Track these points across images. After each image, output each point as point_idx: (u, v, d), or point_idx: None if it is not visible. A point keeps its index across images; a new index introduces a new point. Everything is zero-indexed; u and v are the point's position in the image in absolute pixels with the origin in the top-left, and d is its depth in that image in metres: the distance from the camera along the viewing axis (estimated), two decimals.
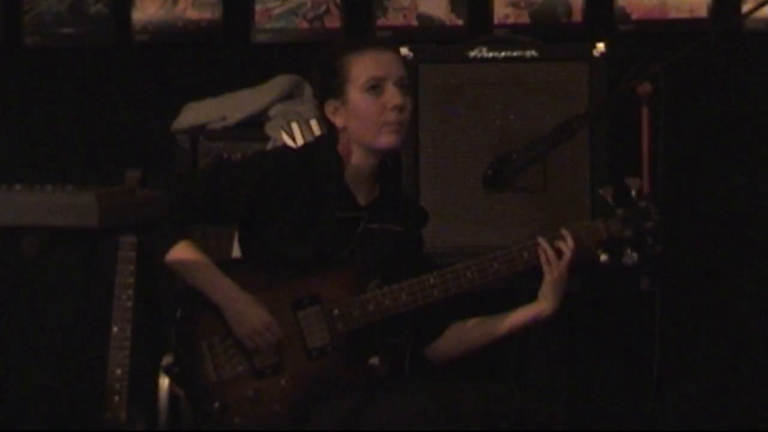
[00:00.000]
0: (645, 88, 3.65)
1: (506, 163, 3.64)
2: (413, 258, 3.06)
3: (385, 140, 2.95)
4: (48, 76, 4.36)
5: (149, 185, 3.13)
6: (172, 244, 2.87)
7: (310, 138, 3.75)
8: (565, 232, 2.99)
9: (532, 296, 3.04)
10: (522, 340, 3.84)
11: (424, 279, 2.93)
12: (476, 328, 3.07)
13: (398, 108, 2.93)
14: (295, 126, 3.81)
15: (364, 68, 2.94)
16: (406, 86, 2.98)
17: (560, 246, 2.97)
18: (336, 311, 2.89)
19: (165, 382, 3.49)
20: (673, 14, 4.18)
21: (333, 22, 4.28)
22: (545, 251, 2.97)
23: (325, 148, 3.00)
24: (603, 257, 3.06)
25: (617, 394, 4.21)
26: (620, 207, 3.03)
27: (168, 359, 3.03)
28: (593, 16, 4.20)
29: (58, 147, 4.32)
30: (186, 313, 2.90)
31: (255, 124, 3.92)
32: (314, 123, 3.79)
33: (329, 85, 2.98)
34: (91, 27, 4.32)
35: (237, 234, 3.08)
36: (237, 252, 3.17)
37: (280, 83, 3.98)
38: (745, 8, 4.10)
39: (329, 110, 2.98)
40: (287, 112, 3.87)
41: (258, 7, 4.29)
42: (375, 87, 2.93)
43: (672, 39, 4.05)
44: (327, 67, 2.99)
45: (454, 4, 4.24)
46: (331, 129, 3.00)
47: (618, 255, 3.04)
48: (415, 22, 4.27)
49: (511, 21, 4.22)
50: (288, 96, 3.96)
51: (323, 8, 4.28)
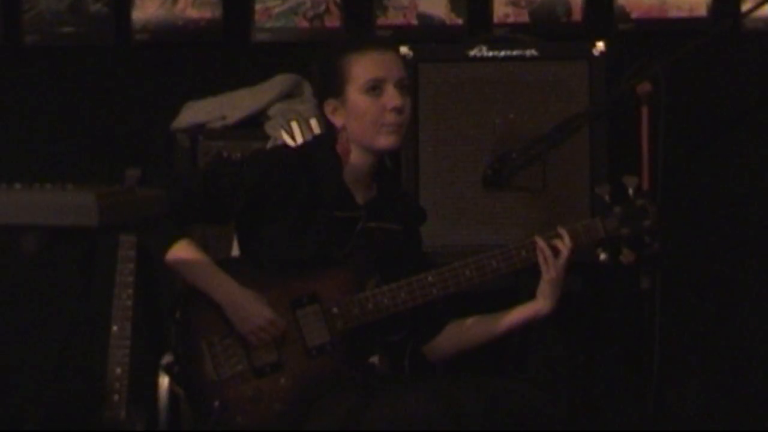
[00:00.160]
0: (644, 87, 3.65)
1: (506, 162, 3.65)
2: (412, 256, 3.06)
3: (384, 141, 2.95)
4: (48, 76, 4.35)
5: (149, 184, 3.13)
6: (172, 243, 2.87)
7: (310, 137, 3.75)
8: (563, 231, 2.99)
9: (531, 295, 3.04)
10: (522, 340, 3.83)
11: (423, 277, 2.93)
12: (475, 327, 3.07)
13: (397, 109, 2.93)
14: (295, 125, 3.81)
15: (364, 69, 2.94)
16: (406, 87, 2.97)
17: (557, 245, 2.98)
18: (335, 310, 2.89)
19: (165, 381, 3.49)
20: (673, 13, 4.18)
21: (333, 21, 4.28)
22: (542, 250, 2.97)
23: (324, 148, 3.00)
24: (602, 256, 3.06)
25: (617, 394, 4.21)
26: (617, 205, 3.04)
27: (168, 358, 3.03)
28: (593, 15, 4.20)
29: (58, 146, 4.32)
30: (185, 313, 2.90)
31: (255, 124, 3.92)
32: (314, 122, 3.79)
33: (329, 85, 2.98)
34: (91, 26, 4.32)
35: (236, 233, 3.08)
36: (237, 251, 3.17)
37: (280, 82, 3.98)
38: (745, 7, 4.10)
39: (328, 109, 2.98)
40: (287, 111, 3.87)
41: (258, 6, 4.29)
42: (375, 88, 2.93)
43: (672, 38, 4.05)
44: (327, 67, 2.99)
45: (454, 3, 4.24)
46: (330, 128, 3.00)
47: (616, 253, 3.04)
48: (415, 21, 4.26)
49: (511, 20, 4.22)
50: (288, 95, 3.95)
51: (323, 7, 4.28)
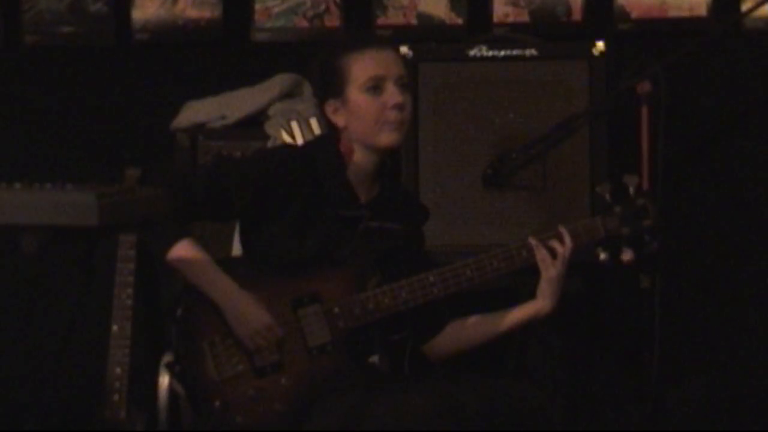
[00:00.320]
0: (644, 87, 3.65)
1: (506, 162, 3.65)
2: (414, 256, 3.06)
3: (386, 139, 2.95)
4: (48, 75, 4.35)
5: (149, 184, 3.12)
6: (174, 242, 2.87)
7: (310, 136, 3.75)
8: (563, 230, 2.99)
9: (531, 294, 3.04)
10: (521, 339, 3.83)
11: (424, 277, 2.93)
12: (475, 326, 3.07)
13: (398, 106, 2.93)
14: (295, 125, 3.81)
15: (364, 68, 2.94)
16: (406, 84, 2.97)
17: (554, 245, 2.97)
18: (336, 309, 2.89)
19: (165, 381, 3.48)
20: (673, 13, 4.18)
21: (332, 21, 4.28)
22: (539, 250, 2.97)
23: (328, 147, 2.99)
24: (602, 255, 3.06)
25: (617, 394, 4.21)
26: (618, 204, 3.04)
27: (168, 357, 3.03)
28: (593, 15, 4.20)
29: (58, 146, 4.32)
30: (187, 312, 2.90)
31: (254, 123, 3.92)
32: (314, 121, 3.79)
33: (329, 85, 2.97)
34: (91, 26, 4.32)
35: (238, 231, 3.08)
36: (236, 250, 3.17)
37: (280, 82, 3.98)
38: (745, 7, 4.10)
39: (329, 110, 2.98)
40: (287, 111, 3.87)
41: (257, 6, 4.29)
42: (375, 86, 2.93)
43: (671, 38, 4.05)
44: (326, 68, 2.99)
45: (454, 3, 4.24)
46: (332, 128, 3.00)
47: (616, 253, 3.04)
48: (415, 21, 4.26)
49: (511, 20, 4.22)
50: (287, 95, 3.95)
51: (323, 7, 4.28)
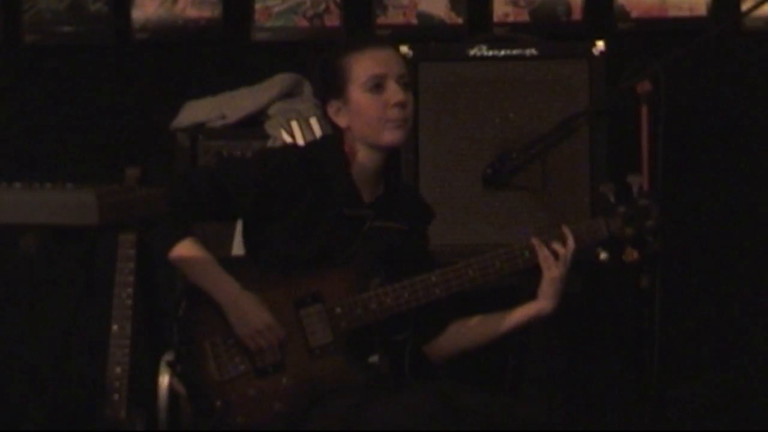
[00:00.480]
0: (644, 87, 3.64)
1: (506, 162, 3.64)
2: (417, 256, 3.05)
3: (389, 137, 2.94)
4: (47, 75, 4.35)
5: (149, 183, 3.13)
6: (176, 241, 2.86)
7: (310, 136, 3.75)
8: (566, 231, 2.99)
9: (531, 294, 3.04)
10: (522, 339, 3.83)
11: (426, 277, 2.92)
12: (477, 327, 3.07)
13: (400, 105, 2.93)
14: (295, 124, 3.81)
15: (364, 67, 2.94)
16: (407, 83, 2.97)
17: (556, 245, 2.97)
18: (338, 310, 2.89)
19: (165, 381, 3.49)
20: (673, 12, 4.18)
21: (332, 21, 4.28)
22: (541, 250, 2.97)
23: (331, 147, 2.99)
24: (602, 255, 3.06)
25: (617, 394, 4.21)
26: (621, 205, 3.03)
27: (169, 356, 3.03)
28: (593, 15, 4.20)
29: (58, 145, 4.32)
30: (188, 311, 2.89)
31: (254, 123, 3.92)
32: (314, 121, 3.79)
33: (330, 86, 2.97)
34: (91, 25, 4.31)
35: (241, 231, 3.08)
36: (237, 249, 3.17)
37: (280, 81, 3.97)
38: (745, 6, 4.11)
39: (332, 111, 2.98)
40: (287, 111, 3.87)
41: (258, 6, 4.29)
42: (376, 85, 2.93)
43: (671, 37, 4.05)
44: (327, 69, 2.98)
45: (454, 3, 4.24)
46: (336, 129, 3.00)
47: (618, 253, 3.04)
48: (415, 21, 4.26)
49: (511, 19, 4.22)
50: (287, 94, 3.95)
51: (323, 7, 4.28)
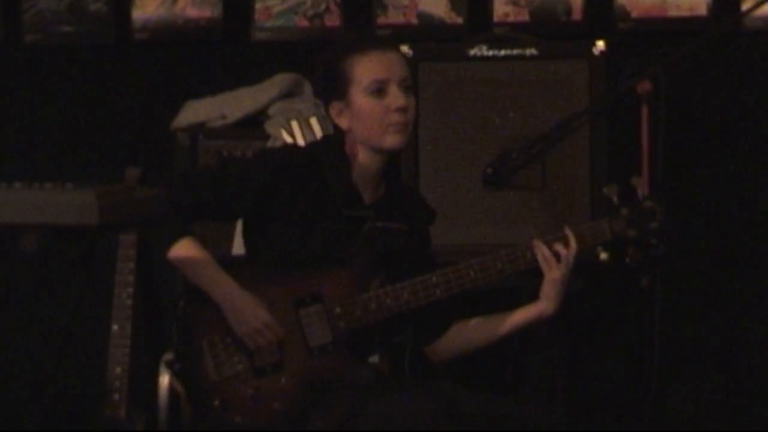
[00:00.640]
0: (645, 87, 3.64)
1: (506, 162, 3.64)
2: (418, 256, 3.05)
3: (391, 140, 2.93)
4: (48, 75, 4.35)
5: (149, 183, 3.12)
6: (175, 241, 2.87)
7: (310, 136, 3.75)
8: (568, 233, 2.98)
9: (532, 294, 3.03)
10: (522, 340, 3.83)
11: (427, 278, 2.92)
12: (478, 328, 3.07)
13: (402, 109, 2.92)
14: (295, 124, 3.81)
15: (367, 70, 2.93)
16: (409, 87, 2.96)
17: (559, 247, 2.96)
18: (338, 310, 2.89)
19: (165, 381, 3.48)
20: (673, 12, 4.18)
21: (333, 21, 4.28)
22: (542, 252, 2.96)
23: (333, 148, 2.98)
24: (603, 256, 3.06)
25: (617, 394, 4.21)
26: (625, 207, 3.02)
27: (169, 356, 3.03)
28: (593, 14, 4.20)
29: (58, 145, 4.32)
30: (187, 311, 2.90)
31: (255, 123, 3.91)
32: (314, 121, 3.79)
33: (332, 88, 2.96)
34: (91, 25, 4.32)
35: (242, 231, 3.07)
36: (237, 249, 3.17)
37: (280, 81, 3.97)
38: (745, 6, 4.10)
39: (333, 112, 2.97)
40: (287, 111, 3.87)
41: (258, 6, 4.29)
42: (378, 89, 2.91)
43: (672, 37, 4.05)
44: (329, 69, 2.97)
45: (454, 3, 4.24)
46: (337, 130, 2.99)
47: (620, 254, 3.03)
48: (415, 21, 4.26)
49: (511, 19, 4.22)
50: (288, 94, 3.95)
51: (323, 6, 4.28)
